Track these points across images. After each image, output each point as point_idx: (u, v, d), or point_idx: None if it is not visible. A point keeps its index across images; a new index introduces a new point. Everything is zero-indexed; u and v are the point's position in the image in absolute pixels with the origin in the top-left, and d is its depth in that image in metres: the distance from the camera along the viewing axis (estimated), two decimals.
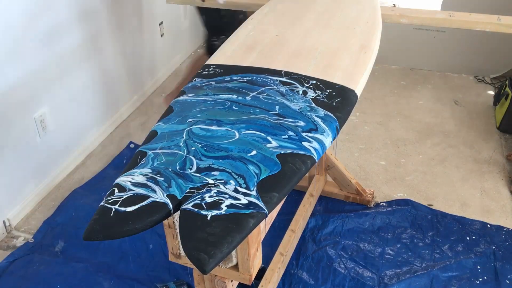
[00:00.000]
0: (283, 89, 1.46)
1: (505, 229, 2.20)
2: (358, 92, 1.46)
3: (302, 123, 1.34)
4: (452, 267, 2.01)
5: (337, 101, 1.41)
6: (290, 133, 1.30)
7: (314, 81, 1.48)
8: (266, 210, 1.10)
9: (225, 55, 1.63)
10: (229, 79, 1.51)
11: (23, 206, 2.34)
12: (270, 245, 2.05)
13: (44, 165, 2.45)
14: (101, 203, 1.11)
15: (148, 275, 2.02)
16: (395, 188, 2.47)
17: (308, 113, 1.37)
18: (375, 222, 2.23)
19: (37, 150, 2.38)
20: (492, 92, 3.23)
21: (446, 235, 2.17)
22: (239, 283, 1.49)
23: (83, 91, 2.65)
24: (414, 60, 3.52)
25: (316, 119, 1.36)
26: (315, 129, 1.32)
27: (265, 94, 1.44)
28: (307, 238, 2.16)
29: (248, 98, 1.42)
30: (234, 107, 1.39)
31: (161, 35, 3.30)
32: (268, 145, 1.25)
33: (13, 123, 2.20)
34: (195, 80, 1.53)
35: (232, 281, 1.43)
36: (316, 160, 1.26)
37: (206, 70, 1.56)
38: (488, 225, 2.23)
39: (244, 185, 1.13)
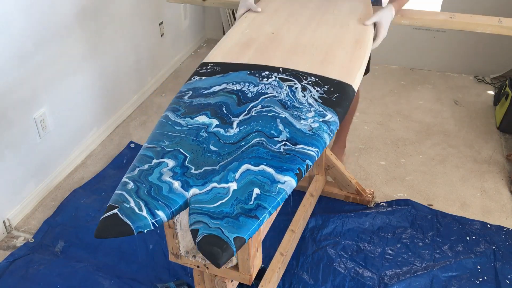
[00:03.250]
0: (282, 92, 1.37)
1: (505, 229, 2.20)
2: (355, 87, 1.45)
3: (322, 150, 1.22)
4: (452, 267, 2.01)
5: (336, 96, 1.38)
6: (309, 162, 1.16)
7: (313, 78, 1.45)
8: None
9: (222, 52, 1.62)
10: (212, 91, 1.41)
11: (23, 206, 2.34)
12: (270, 245, 2.05)
13: (44, 165, 2.45)
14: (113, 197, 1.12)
15: (148, 275, 2.02)
16: (395, 188, 2.47)
17: (326, 132, 1.24)
18: (375, 222, 2.23)
19: (37, 150, 2.38)
20: (492, 92, 3.23)
21: (446, 235, 2.17)
22: (239, 283, 1.49)
23: (83, 91, 2.65)
24: (414, 60, 3.52)
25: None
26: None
27: (258, 107, 1.32)
28: (307, 238, 2.15)
29: (233, 129, 1.24)
30: (212, 146, 1.18)
31: (161, 35, 3.30)
32: (280, 186, 1.08)
33: (13, 123, 2.20)
34: (193, 78, 1.50)
35: (232, 281, 1.43)
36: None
37: (204, 68, 1.53)
38: (488, 225, 2.23)
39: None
